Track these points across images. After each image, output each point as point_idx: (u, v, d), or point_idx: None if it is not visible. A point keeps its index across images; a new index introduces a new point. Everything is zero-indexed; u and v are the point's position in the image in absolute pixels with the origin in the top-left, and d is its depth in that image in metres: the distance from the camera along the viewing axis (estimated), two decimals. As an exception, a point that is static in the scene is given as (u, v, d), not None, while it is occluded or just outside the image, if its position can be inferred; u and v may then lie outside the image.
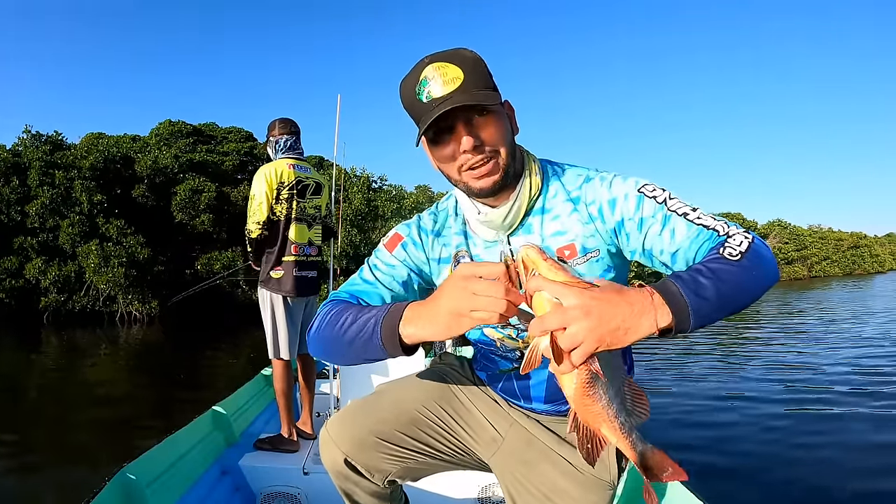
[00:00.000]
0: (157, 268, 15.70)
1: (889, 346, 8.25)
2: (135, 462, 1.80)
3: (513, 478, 1.15)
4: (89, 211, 15.28)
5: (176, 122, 20.31)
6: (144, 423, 5.03)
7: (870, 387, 5.69)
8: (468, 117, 0.90)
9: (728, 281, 0.77)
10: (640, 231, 0.96)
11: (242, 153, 20.46)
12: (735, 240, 0.83)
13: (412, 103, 0.92)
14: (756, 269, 0.81)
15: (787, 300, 19.80)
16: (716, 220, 0.90)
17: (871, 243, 60.17)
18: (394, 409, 1.17)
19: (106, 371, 8.38)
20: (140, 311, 15.13)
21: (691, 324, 0.72)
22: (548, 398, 1.15)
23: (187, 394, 6.40)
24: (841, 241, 55.06)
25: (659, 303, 0.71)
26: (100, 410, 5.63)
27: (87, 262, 14.48)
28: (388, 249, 1.11)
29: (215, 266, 16.30)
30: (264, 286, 2.63)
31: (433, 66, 0.90)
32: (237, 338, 12.02)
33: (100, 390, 6.75)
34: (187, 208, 16.83)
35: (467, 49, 0.94)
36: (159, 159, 17.18)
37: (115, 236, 15.22)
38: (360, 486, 1.16)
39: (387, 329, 0.85)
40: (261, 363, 9.18)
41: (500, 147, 0.94)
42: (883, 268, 58.62)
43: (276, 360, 2.61)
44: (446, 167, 0.97)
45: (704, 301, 0.73)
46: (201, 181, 17.34)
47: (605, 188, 1.00)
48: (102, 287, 14.74)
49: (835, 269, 50.40)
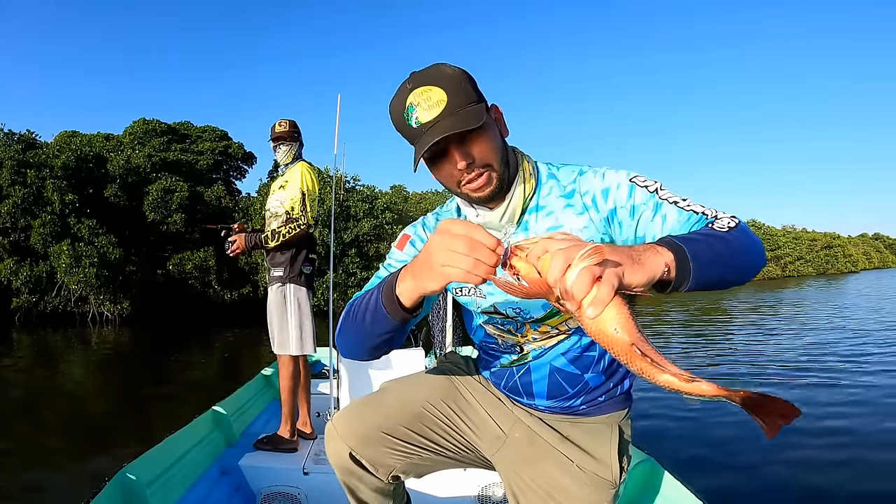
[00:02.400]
0: (129, 268, 15.86)
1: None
2: (135, 462, 1.81)
3: (516, 476, 1.17)
4: (61, 210, 15.33)
5: (150, 121, 20.28)
6: (114, 424, 5.14)
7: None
8: (459, 138, 0.94)
9: (719, 242, 0.80)
10: (632, 218, 0.99)
11: (217, 152, 20.56)
12: (723, 220, 0.88)
13: (403, 128, 0.97)
14: (745, 241, 0.85)
15: (764, 299, 20.19)
16: (705, 208, 0.95)
17: (845, 243, 61.62)
18: (399, 406, 1.19)
19: (77, 372, 8.53)
20: (111, 312, 15.31)
21: (691, 268, 0.73)
22: (550, 394, 1.17)
23: (158, 394, 6.51)
24: (814, 241, 56.38)
25: (659, 248, 0.73)
26: (69, 411, 5.72)
27: (58, 263, 14.59)
28: (399, 248, 1.16)
29: (187, 266, 16.54)
30: (294, 282, 2.65)
31: (416, 91, 0.93)
32: (209, 338, 12.22)
33: (70, 391, 6.88)
34: (159, 208, 16.96)
35: (446, 65, 0.97)
36: (132, 158, 17.24)
37: (86, 236, 15.32)
38: (363, 482, 1.19)
39: (387, 290, 0.89)
40: (232, 363, 9.36)
41: (492, 159, 0.98)
42: (856, 268, 60.06)
43: (288, 357, 2.63)
44: (447, 184, 1.02)
45: (700, 251, 0.75)
46: (174, 181, 17.45)
47: (598, 179, 1.04)
48: (74, 287, 14.88)
49: (808, 268, 51.63)
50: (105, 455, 4.12)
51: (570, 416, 1.18)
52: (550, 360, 1.13)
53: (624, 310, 0.62)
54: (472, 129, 0.93)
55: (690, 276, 0.73)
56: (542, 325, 1.11)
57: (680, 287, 0.73)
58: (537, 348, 1.13)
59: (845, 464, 3.67)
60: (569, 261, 0.62)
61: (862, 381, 6.03)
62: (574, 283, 0.61)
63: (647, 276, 0.68)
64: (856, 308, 15.96)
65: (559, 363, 1.13)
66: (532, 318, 1.10)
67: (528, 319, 1.11)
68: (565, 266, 0.62)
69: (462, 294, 1.17)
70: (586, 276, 0.61)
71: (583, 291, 0.61)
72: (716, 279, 0.78)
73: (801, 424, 4.28)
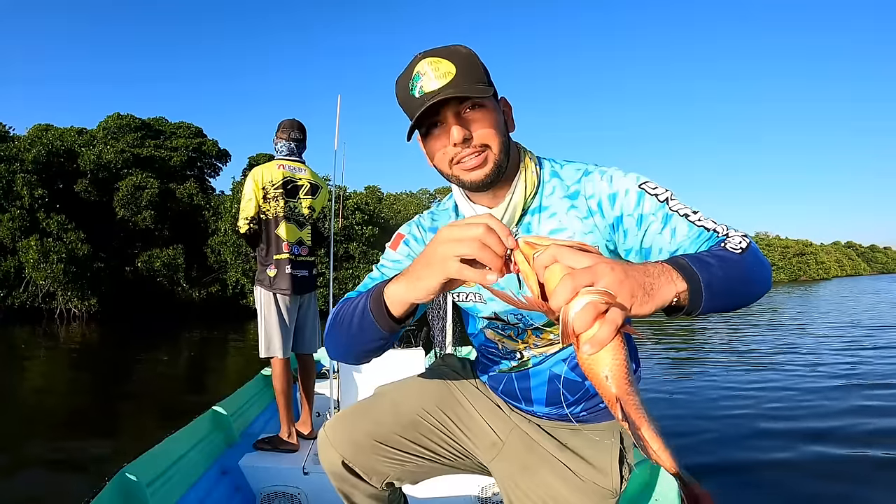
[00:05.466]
0: (97, 264, 15.97)
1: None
2: (135, 462, 1.80)
3: (513, 483, 1.14)
4: (30, 205, 15.39)
5: (125, 116, 20.30)
6: (76, 421, 5.17)
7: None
8: (458, 110, 0.91)
9: (733, 267, 0.77)
10: (638, 228, 0.94)
11: (191, 149, 20.65)
12: (735, 239, 0.83)
13: (406, 99, 0.93)
14: (755, 265, 0.82)
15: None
16: (716, 224, 0.90)
17: (817, 251, 62.75)
18: (393, 412, 1.17)
19: (42, 369, 8.59)
20: (79, 309, 15.41)
21: (703, 297, 0.70)
22: (548, 401, 1.14)
23: (122, 391, 6.55)
24: (787, 248, 57.55)
25: (673, 272, 0.69)
26: (32, 408, 5.73)
27: (26, 258, 14.63)
28: (392, 248, 1.13)
29: (156, 264, 16.71)
30: (260, 284, 2.66)
31: (426, 61, 0.90)
32: (175, 336, 12.36)
33: (36, 387, 6.95)
34: (129, 204, 17.04)
35: (462, 46, 0.94)
36: (103, 154, 17.26)
37: (55, 231, 15.33)
38: (358, 489, 1.17)
39: (375, 296, 0.86)
40: (198, 362, 9.40)
41: (491, 141, 0.93)
42: (828, 274, 61.16)
43: (275, 360, 2.62)
44: (438, 161, 0.96)
45: (714, 278, 0.72)
46: (144, 177, 17.50)
47: (605, 182, 0.99)
48: (42, 283, 14.98)
49: (781, 275, 52.88)
50: (65, 452, 4.18)
51: (570, 423, 1.16)
52: (550, 367, 1.11)
53: (620, 355, 0.60)
54: (474, 105, 0.91)
55: (701, 307, 0.71)
56: (544, 332, 1.09)
57: (689, 314, 0.72)
58: (538, 355, 1.12)
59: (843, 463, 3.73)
60: (576, 289, 0.59)
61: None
62: (576, 316, 0.59)
63: (654, 307, 0.66)
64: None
65: (559, 370, 1.11)
66: (534, 326, 1.08)
67: (530, 326, 1.09)
68: (571, 294, 0.59)
69: (463, 300, 1.14)
70: (590, 312, 0.58)
71: (583, 327, 0.59)
72: (722, 306, 0.76)
73: (802, 424, 4.51)
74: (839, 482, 3.35)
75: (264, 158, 22.10)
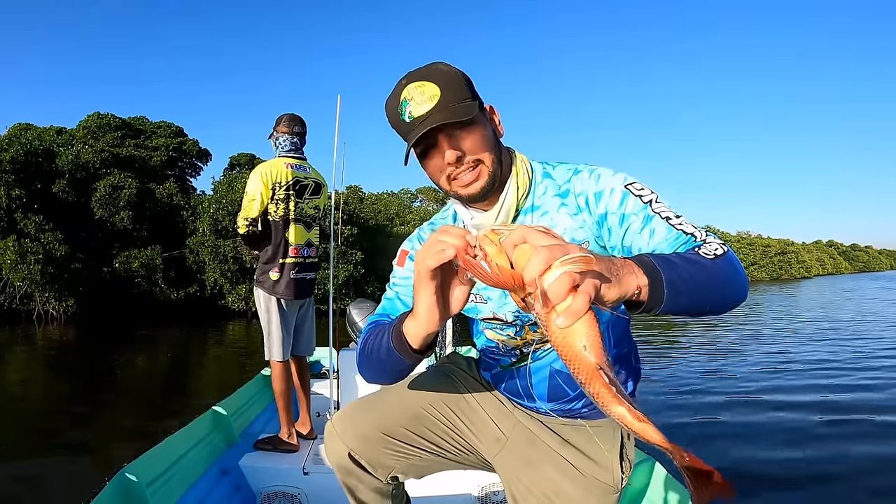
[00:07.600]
0: (75, 265, 15.94)
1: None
2: (135, 462, 1.81)
3: (515, 478, 1.16)
4: (7, 206, 15.32)
5: (105, 115, 20.19)
6: (52, 423, 5.26)
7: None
8: (449, 131, 0.94)
9: (700, 271, 0.78)
10: (620, 226, 0.97)
11: (171, 148, 20.60)
12: (711, 246, 0.85)
13: (397, 124, 0.97)
14: (728, 272, 0.83)
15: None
16: (696, 228, 0.92)
17: (798, 249, 63.46)
18: (400, 406, 1.19)
19: (19, 370, 8.67)
20: (56, 310, 15.40)
21: (665, 294, 0.71)
22: (551, 396, 1.16)
23: (99, 392, 6.63)
24: (769, 247, 58.10)
25: (635, 266, 0.71)
26: (6, 410, 5.82)
27: (3, 259, 14.58)
28: (399, 265, 1.16)
29: (133, 265, 16.75)
30: (260, 287, 2.62)
31: (411, 86, 0.94)
32: (153, 337, 12.46)
33: (13, 389, 7.05)
34: (107, 205, 16.96)
35: (443, 63, 0.98)
36: (82, 154, 17.18)
37: (33, 232, 15.27)
38: (363, 482, 1.18)
39: (395, 335, 0.92)
40: (177, 361, 8.53)
41: (483, 155, 0.97)
42: (809, 273, 61.91)
43: (274, 362, 2.63)
44: (437, 179, 1.01)
45: (679, 278, 0.73)
46: (122, 177, 17.43)
47: (592, 180, 1.02)
48: (19, 284, 14.95)
49: (762, 273, 53.44)
50: (39, 455, 4.21)
51: (572, 418, 1.18)
52: (550, 363, 1.13)
53: (595, 327, 0.59)
54: (463, 124, 0.95)
55: (663, 303, 0.72)
56: (540, 327, 1.09)
57: (650, 311, 0.73)
58: (538, 351, 1.14)
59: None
60: (550, 261, 0.59)
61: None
62: (551, 286, 0.58)
63: (619, 293, 0.66)
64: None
65: (559, 365, 1.12)
66: (530, 321, 1.11)
67: (527, 322, 1.12)
68: (545, 266, 0.59)
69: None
70: (566, 281, 0.58)
71: (558, 297, 0.58)
72: (689, 308, 0.78)
73: (801, 425, 4.74)
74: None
75: (245, 158, 22.20)
